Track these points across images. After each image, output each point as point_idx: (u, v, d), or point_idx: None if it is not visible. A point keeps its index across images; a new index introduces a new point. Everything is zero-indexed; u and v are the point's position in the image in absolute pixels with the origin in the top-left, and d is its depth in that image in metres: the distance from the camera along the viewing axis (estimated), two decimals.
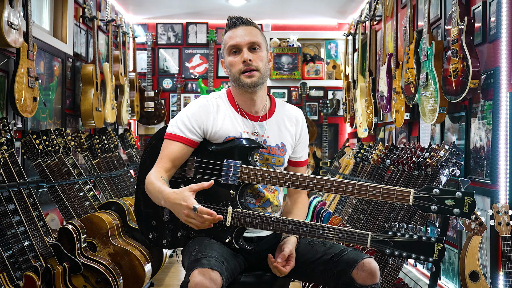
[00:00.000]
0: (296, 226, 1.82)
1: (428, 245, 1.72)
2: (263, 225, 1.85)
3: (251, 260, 2.00)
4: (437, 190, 1.71)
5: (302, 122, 2.10)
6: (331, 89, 6.56)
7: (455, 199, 1.71)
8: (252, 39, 1.94)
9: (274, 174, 1.86)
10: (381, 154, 3.44)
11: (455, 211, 1.70)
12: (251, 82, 1.93)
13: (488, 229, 2.58)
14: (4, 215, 2.57)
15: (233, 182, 1.89)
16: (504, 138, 2.58)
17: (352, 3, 5.57)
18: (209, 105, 1.99)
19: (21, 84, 3.02)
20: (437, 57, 3.04)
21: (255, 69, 1.93)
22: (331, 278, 1.84)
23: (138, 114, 6.04)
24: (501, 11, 2.61)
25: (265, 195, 2.01)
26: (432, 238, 1.73)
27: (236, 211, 1.88)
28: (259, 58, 1.95)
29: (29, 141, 3.18)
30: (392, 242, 1.75)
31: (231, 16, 1.99)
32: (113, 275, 2.96)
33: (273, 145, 2.02)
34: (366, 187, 1.76)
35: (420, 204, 1.72)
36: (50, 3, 4.18)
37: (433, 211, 1.71)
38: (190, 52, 6.56)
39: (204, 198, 1.92)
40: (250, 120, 2.01)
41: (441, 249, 1.72)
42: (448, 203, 1.71)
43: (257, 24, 2.02)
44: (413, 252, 1.73)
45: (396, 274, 2.63)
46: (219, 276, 1.66)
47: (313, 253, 1.90)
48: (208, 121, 1.96)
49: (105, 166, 4.13)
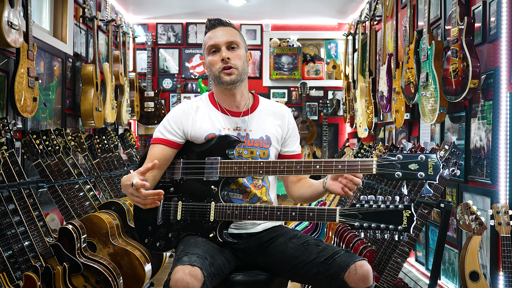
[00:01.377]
0: (270, 212, 1.85)
1: (396, 213, 1.67)
2: (241, 215, 1.89)
3: (242, 258, 2.02)
4: (400, 156, 1.67)
5: (289, 116, 2.16)
6: (331, 89, 6.56)
7: (418, 163, 1.65)
8: (230, 38, 2.02)
9: (249, 164, 1.90)
10: (381, 154, 3.45)
11: (419, 175, 1.65)
12: (230, 79, 2.01)
13: (488, 229, 2.58)
14: (4, 215, 2.57)
15: (214, 178, 1.95)
16: (504, 138, 2.58)
17: (352, 3, 5.57)
18: (188, 107, 2.08)
19: (21, 84, 3.02)
20: (437, 57, 3.04)
21: (234, 67, 2.01)
22: (324, 281, 1.82)
23: (138, 114, 6.04)
24: (501, 11, 2.61)
25: (251, 190, 2.04)
26: (400, 205, 1.68)
27: (217, 206, 1.93)
28: (237, 57, 2.03)
29: (29, 141, 3.18)
30: (360, 214, 1.71)
31: (209, 18, 2.09)
32: (113, 275, 2.96)
33: (257, 137, 2.07)
34: (331, 163, 1.78)
35: (384, 172, 1.68)
36: (50, 3, 4.18)
37: (398, 178, 1.66)
38: (190, 52, 6.56)
39: (191, 198, 1.99)
40: (231, 116, 2.08)
41: (409, 216, 1.66)
42: (412, 168, 1.66)
43: (239, 25, 2.10)
44: (382, 222, 1.68)
45: (396, 274, 2.63)
46: (200, 271, 1.68)
47: (306, 255, 1.89)
48: (187, 122, 2.05)
49: (105, 166, 4.13)
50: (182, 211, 1.99)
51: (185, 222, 1.98)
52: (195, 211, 1.97)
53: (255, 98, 2.16)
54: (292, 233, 2.03)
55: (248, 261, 2.03)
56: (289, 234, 2.02)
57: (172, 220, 1.99)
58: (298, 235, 2.00)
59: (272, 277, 1.98)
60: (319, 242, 1.92)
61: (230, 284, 1.93)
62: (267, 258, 1.99)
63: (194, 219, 1.97)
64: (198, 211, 1.96)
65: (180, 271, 1.67)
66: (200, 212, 1.96)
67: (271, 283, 1.99)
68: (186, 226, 1.98)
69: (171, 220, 1.99)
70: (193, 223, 1.97)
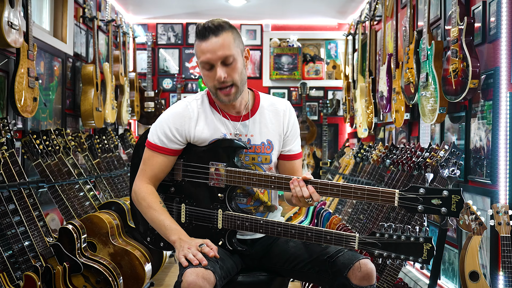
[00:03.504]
0: (284, 229, 1.82)
1: (416, 246, 1.69)
2: (252, 228, 1.85)
3: (248, 262, 2.01)
4: (423, 190, 1.65)
5: (290, 113, 2.05)
6: (331, 89, 6.56)
7: (441, 198, 1.64)
8: (224, 52, 1.81)
9: (259, 177, 1.84)
10: (381, 154, 3.45)
11: (442, 211, 1.64)
12: (229, 99, 1.88)
13: (488, 229, 2.58)
14: (4, 215, 2.57)
15: (220, 185, 1.89)
16: (504, 138, 2.58)
17: (352, 3, 5.57)
18: (189, 111, 1.94)
19: (21, 84, 3.02)
20: (437, 57, 3.04)
21: (231, 84, 1.86)
22: (327, 279, 1.82)
23: (138, 114, 6.04)
24: (501, 11, 2.61)
25: (255, 193, 1.99)
26: (421, 238, 1.69)
27: (226, 214, 1.88)
28: (234, 71, 1.85)
29: (29, 141, 3.18)
30: (380, 243, 1.72)
31: (198, 25, 1.84)
32: (113, 275, 2.96)
33: (258, 143, 1.98)
34: (351, 189, 1.73)
35: (406, 205, 1.67)
36: (50, 3, 4.18)
37: (420, 212, 1.66)
38: (190, 52, 6.56)
39: (194, 201, 1.94)
40: (232, 121, 1.97)
41: (430, 249, 1.68)
42: (434, 203, 1.65)
43: (232, 25, 1.88)
44: (402, 253, 1.70)
45: (396, 274, 2.63)
46: (212, 275, 1.66)
47: (309, 253, 1.89)
48: (190, 128, 1.92)
49: (105, 166, 4.13)
50: (186, 214, 1.95)
51: (190, 226, 1.94)
52: (200, 216, 1.92)
53: (255, 98, 2.03)
54: None
55: (252, 264, 2.01)
56: None
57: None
58: None
59: (273, 277, 1.98)
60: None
61: (232, 285, 1.92)
62: (270, 258, 1.98)
63: (200, 225, 1.92)
64: (204, 217, 1.92)
65: (193, 274, 1.64)
66: (206, 218, 1.92)
67: (272, 283, 1.99)
68: (191, 230, 1.93)
69: None
70: (199, 228, 1.92)
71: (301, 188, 1.77)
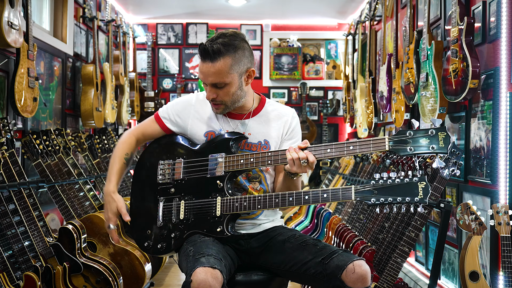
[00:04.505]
0: (282, 198, 1.86)
1: (411, 186, 1.72)
2: (251, 206, 1.89)
3: (244, 258, 2.02)
4: (411, 132, 1.72)
5: (292, 119, 2.11)
6: (331, 89, 6.56)
7: (429, 137, 1.70)
8: (215, 80, 1.90)
9: (256, 155, 1.90)
10: (381, 154, 3.45)
11: (431, 147, 1.70)
12: (218, 112, 2.02)
13: (488, 229, 2.58)
14: (4, 215, 2.57)
15: (219, 173, 1.94)
16: (504, 138, 2.58)
17: (352, 3, 5.57)
18: (196, 103, 2.09)
19: (21, 84, 3.02)
20: (437, 57, 3.04)
21: (221, 103, 1.97)
22: (322, 281, 1.80)
23: (138, 114, 6.04)
24: (501, 11, 2.61)
25: (249, 190, 2.03)
26: (414, 178, 1.72)
27: (224, 200, 1.92)
28: (224, 94, 1.94)
29: (29, 141, 3.18)
30: (376, 190, 1.75)
31: (199, 45, 1.91)
32: (113, 275, 2.96)
33: (255, 142, 2.04)
34: (343, 144, 1.80)
35: (397, 147, 1.72)
36: (50, 3, 4.18)
37: (411, 152, 1.71)
38: (190, 52, 6.57)
39: (194, 196, 1.97)
40: (232, 118, 2.05)
41: (425, 187, 1.71)
42: (423, 142, 1.71)
43: (237, 47, 1.91)
44: (398, 195, 1.72)
45: (396, 274, 2.63)
46: (220, 274, 1.67)
47: (304, 255, 1.88)
48: (189, 117, 2.06)
49: (105, 166, 4.13)
50: (185, 210, 1.97)
51: (189, 221, 1.96)
52: (199, 208, 1.95)
53: (261, 102, 2.10)
54: (291, 233, 2.02)
55: (249, 261, 2.02)
56: (287, 234, 2.00)
57: (174, 220, 1.97)
58: (297, 235, 1.99)
59: (272, 277, 1.98)
60: (317, 242, 1.91)
61: (231, 284, 1.92)
62: (266, 258, 1.99)
63: (199, 216, 1.95)
64: (203, 208, 1.95)
65: (202, 273, 1.65)
66: (205, 208, 1.94)
67: (271, 283, 1.99)
68: (190, 225, 1.95)
69: (173, 221, 1.97)
70: (198, 220, 1.95)
71: (298, 153, 1.82)
